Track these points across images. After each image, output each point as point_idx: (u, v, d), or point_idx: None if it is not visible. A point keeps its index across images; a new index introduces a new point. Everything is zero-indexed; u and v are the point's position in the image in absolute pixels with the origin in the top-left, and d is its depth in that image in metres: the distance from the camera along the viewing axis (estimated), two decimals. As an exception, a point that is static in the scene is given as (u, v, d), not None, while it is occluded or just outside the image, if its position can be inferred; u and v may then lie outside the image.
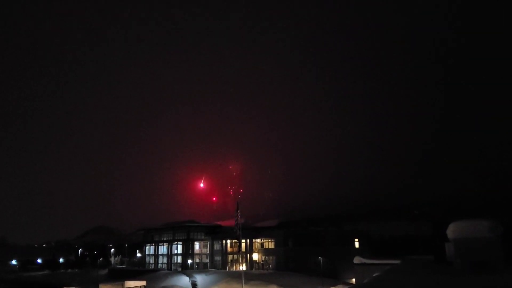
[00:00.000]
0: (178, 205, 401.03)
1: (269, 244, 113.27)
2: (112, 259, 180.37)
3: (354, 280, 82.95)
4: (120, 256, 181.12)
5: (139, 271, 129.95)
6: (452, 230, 30.09)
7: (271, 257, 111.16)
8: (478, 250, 27.81)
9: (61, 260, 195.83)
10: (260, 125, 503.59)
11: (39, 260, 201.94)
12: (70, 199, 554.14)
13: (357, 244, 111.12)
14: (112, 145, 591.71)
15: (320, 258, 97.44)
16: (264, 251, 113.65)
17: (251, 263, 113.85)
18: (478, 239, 27.97)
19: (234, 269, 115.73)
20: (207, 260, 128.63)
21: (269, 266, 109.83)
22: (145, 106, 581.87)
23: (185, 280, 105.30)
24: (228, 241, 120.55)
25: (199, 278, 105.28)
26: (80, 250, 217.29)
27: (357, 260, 78.27)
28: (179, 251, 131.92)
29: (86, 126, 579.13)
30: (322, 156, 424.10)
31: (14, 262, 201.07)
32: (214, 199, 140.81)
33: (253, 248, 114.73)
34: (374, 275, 38.75)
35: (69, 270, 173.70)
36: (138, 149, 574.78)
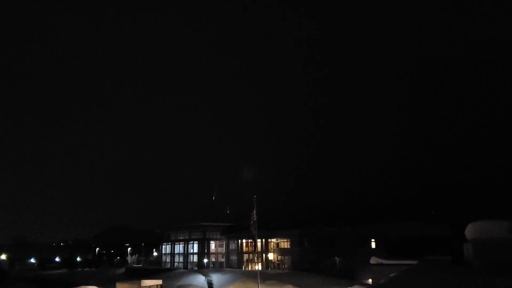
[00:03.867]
0: (194, 205, 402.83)
1: (285, 244, 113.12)
2: (129, 258, 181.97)
3: (370, 280, 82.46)
4: (136, 255, 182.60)
5: (155, 270, 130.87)
6: (470, 231, 29.72)
7: (286, 257, 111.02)
8: (497, 251, 27.40)
9: (78, 259, 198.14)
10: (273, 126, 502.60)
11: (57, 259, 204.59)
12: (87, 199, 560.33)
13: (373, 245, 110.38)
14: (130, 146, 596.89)
15: (336, 258, 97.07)
16: (280, 251, 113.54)
17: (267, 263, 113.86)
18: (498, 240, 27.58)
19: (249, 269, 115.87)
20: (223, 259, 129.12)
21: (284, 266, 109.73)
22: (158, 108, 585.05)
23: (201, 279, 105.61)
24: (244, 240, 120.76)
25: (215, 277, 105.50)
26: (97, 249, 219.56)
27: (373, 260, 77.72)
28: (195, 250, 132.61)
29: (104, 127, 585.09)
30: (338, 156, 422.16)
31: (33, 260, 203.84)
32: (228, 212, 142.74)
33: (269, 248, 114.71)
34: (391, 275, 38.43)
35: (86, 269, 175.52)
36: (155, 150, 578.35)
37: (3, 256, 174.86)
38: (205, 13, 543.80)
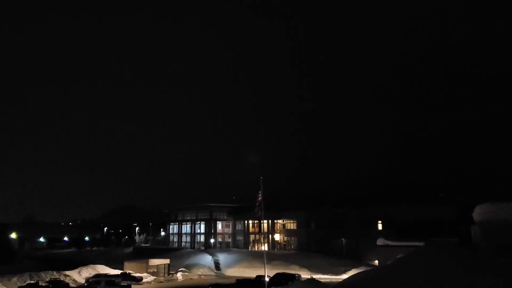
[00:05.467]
0: (201, 186, 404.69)
1: (291, 225, 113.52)
2: (137, 237, 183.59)
3: (377, 261, 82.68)
4: (144, 235, 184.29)
5: (163, 249, 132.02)
6: (478, 213, 29.37)
7: (293, 238, 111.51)
8: (504, 233, 27.10)
9: (87, 238, 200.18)
10: (280, 109, 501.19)
11: (66, 238, 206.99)
12: (96, 179, 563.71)
13: (380, 226, 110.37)
14: (138, 127, 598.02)
15: (342, 239, 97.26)
16: (286, 232, 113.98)
17: (273, 244, 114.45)
18: (505, 222, 27.25)
19: (256, 249, 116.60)
20: (229, 240, 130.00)
21: (291, 247, 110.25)
22: (164, 91, 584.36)
23: (208, 258, 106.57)
24: (250, 221, 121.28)
25: (222, 257, 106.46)
26: (105, 228, 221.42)
27: (380, 241, 77.80)
28: (202, 230, 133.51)
29: (111, 106, 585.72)
30: (345, 136, 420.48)
31: (42, 239, 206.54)
32: (233, 198, 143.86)
33: (275, 228, 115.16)
34: (397, 256, 38.31)
35: (94, 248, 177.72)
36: (162, 130, 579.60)
37: (13, 235, 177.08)
38: (205, 13, 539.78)
